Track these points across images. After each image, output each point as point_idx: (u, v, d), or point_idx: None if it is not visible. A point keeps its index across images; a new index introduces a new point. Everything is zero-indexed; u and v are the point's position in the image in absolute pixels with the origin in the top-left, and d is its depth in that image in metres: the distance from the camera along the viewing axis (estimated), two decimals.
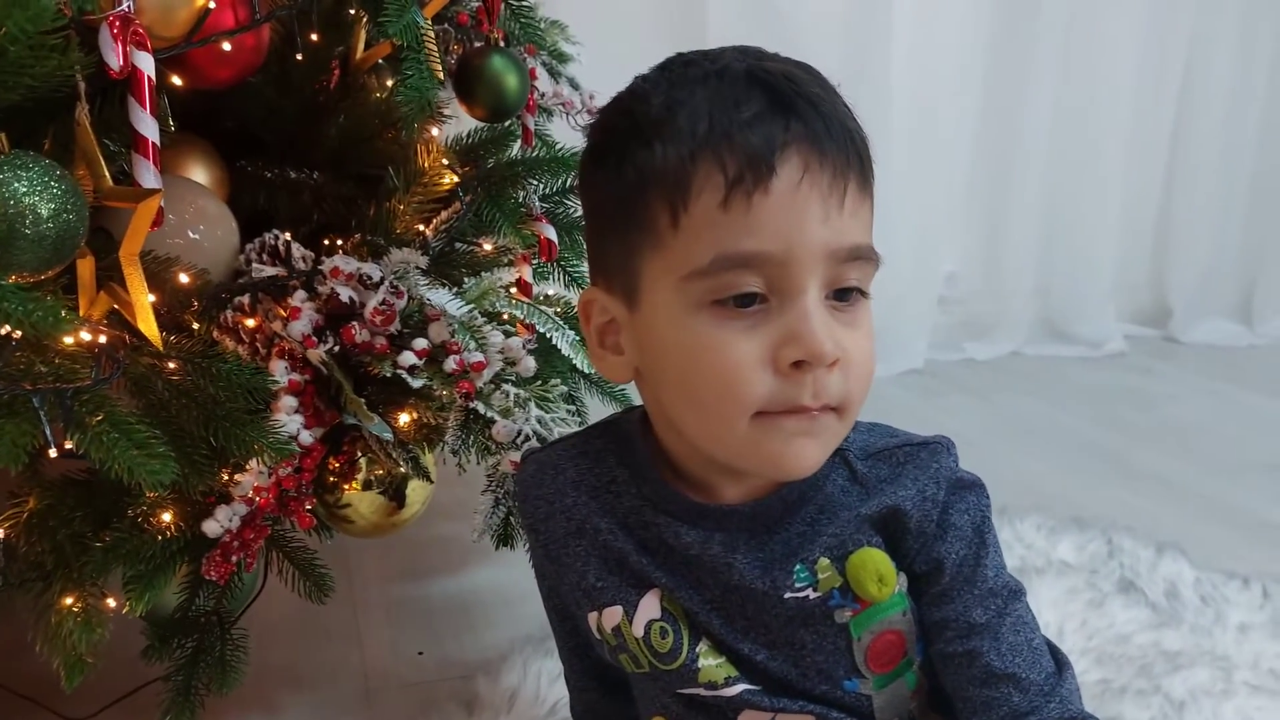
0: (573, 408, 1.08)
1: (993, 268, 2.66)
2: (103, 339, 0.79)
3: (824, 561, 0.68)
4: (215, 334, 0.99)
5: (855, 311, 0.63)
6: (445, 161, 1.14)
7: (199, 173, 1.14)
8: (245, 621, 1.06)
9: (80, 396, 0.74)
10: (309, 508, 1.00)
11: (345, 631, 1.39)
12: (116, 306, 0.81)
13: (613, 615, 0.72)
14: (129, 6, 0.77)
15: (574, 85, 1.45)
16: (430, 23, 0.95)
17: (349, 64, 1.24)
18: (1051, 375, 2.51)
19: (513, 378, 1.03)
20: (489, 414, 0.99)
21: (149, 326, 0.79)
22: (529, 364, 1.01)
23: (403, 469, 1.05)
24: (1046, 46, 2.46)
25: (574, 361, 1.06)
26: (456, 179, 1.15)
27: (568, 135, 1.37)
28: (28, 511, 0.83)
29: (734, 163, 0.59)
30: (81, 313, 0.77)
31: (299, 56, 1.05)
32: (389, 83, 1.29)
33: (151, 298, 0.79)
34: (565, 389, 1.03)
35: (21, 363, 0.71)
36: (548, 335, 1.08)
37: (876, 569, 0.68)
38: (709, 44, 2.27)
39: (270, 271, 1.04)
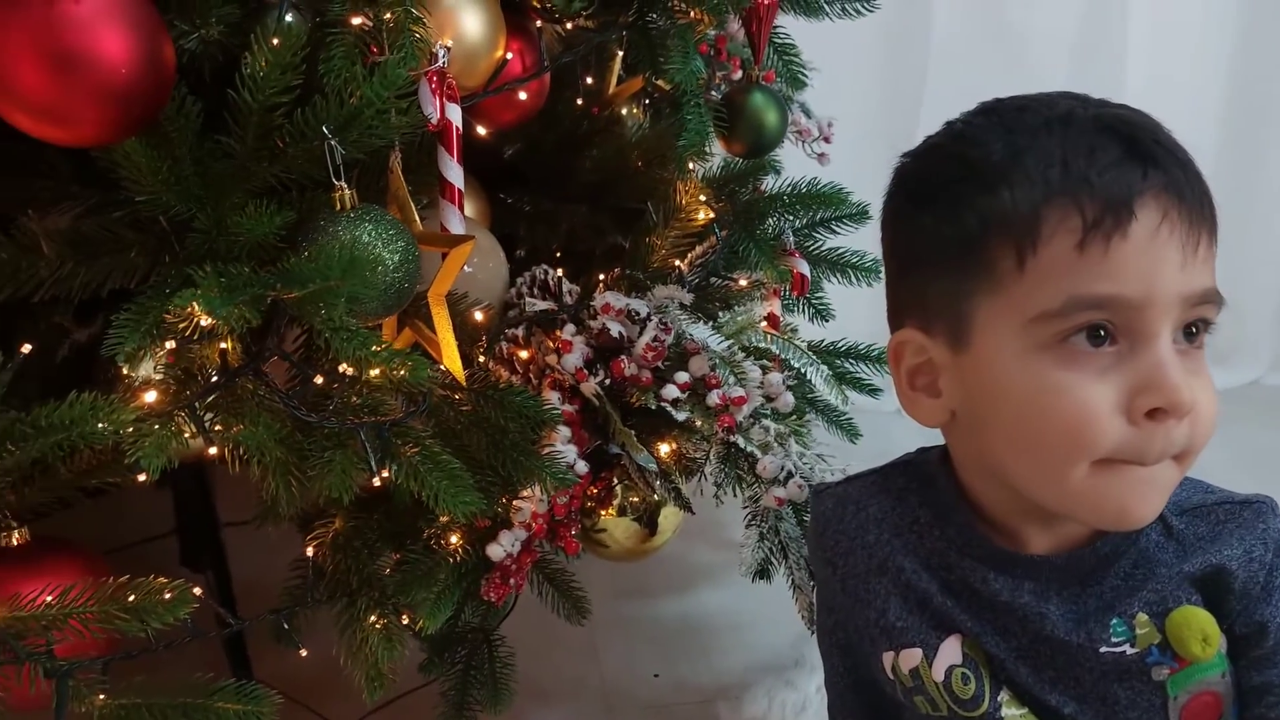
0: (827, 444, 1.04)
1: (1230, 291, 2.44)
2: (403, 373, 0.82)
3: (1142, 617, 0.65)
4: (490, 365, 1.02)
5: (1198, 357, 0.62)
6: (702, 197, 1.13)
7: (467, 205, 1.18)
8: None
9: (395, 429, 0.77)
10: (574, 533, 1.01)
11: (581, 648, 1.41)
12: (420, 342, 0.84)
13: (911, 657, 0.71)
14: (444, 62, 0.80)
15: (806, 112, 1.42)
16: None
17: (602, 98, 1.26)
18: None
19: (768, 412, 1.01)
20: (749, 448, 0.97)
21: (454, 363, 0.81)
22: (788, 399, 0.99)
23: (659, 498, 1.06)
24: None
25: (827, 397, 1.03)
26: (712, 214, 1.15)
27: (802, 163, 1.34)
28: (333, 531, 0.88)
29: (1092, 207, 0.58)
30: None
31: (579, 101, 1.06)
32: (631, 111, 1.31)
33: None
34: (820, 424, 1.00)
35: (344, 398, 0.74)
36: (802, 370, 1.05)
37: (1201, 628, 0.65)
38: (932, 59, 2.18)
39: (543, 305, 1.06)
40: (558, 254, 1.31)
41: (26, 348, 0.65)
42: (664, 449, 1.03)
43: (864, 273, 1.17)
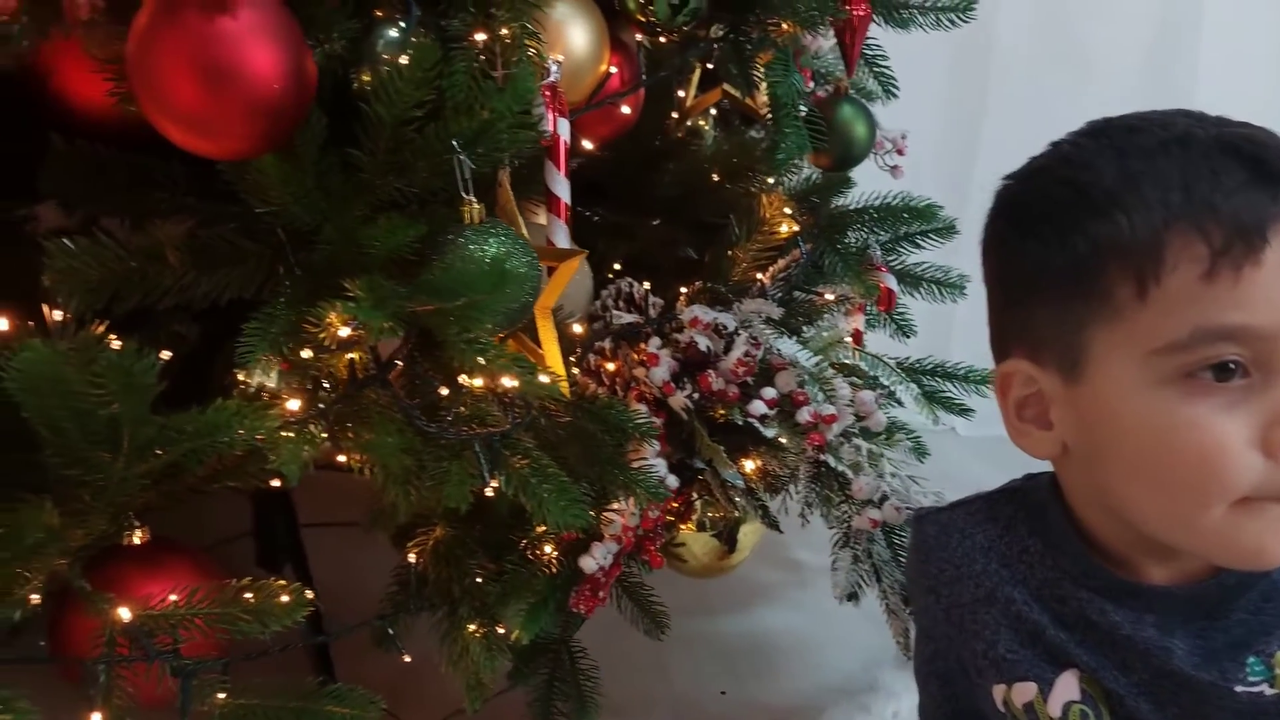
0: (920, 465, 1.07)
1: None
2: (513, 384, 0.85)
3: None
4: (579, 377, 1.05)
5: None
6: (786, 210, 1.16)
7: (547, 218, 1.22)
8: None
9: (503, 440, 0.80)
10: (658, 547, 1.04)
11: (649, 662, 1.42)
12: (524, 354, 0.87)
13: (1025, 691, 0.70)
14: (556, 76, 0.83)
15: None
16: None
17: (680, 111, 1.29)
18: None
19: (856, 430, 1.04)
20: (839, 468, 1.00)
21: (559, 370, 0.84)
22: (880, 419, 1.02)
23: (740, 514, 1.08)
24: None
25: (920, 416, 1.05)
26: (795, 227, 1.18)
27: (876, 177, 1.37)
28: (434, 540, 0.91)
29: (1219, 234, 0.58)
30: None
31: (674, 115, 1.10)
32: (702, 125, 1.34)
33: None
34: (912, 444, 1.03)
35: (458, 409, 0.77)
36: (892, 389, 1.08)
37: None
38: (993, 71, 2.17)
39: (629, 318, 1.09)
40: (625, 267, 1.33)
41: (166, 354, 0.68)
42: (749, 465, 1.06)
43: (949, 289, 1.19)
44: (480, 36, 0.77)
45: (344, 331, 0.66)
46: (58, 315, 0.71)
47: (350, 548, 1.36)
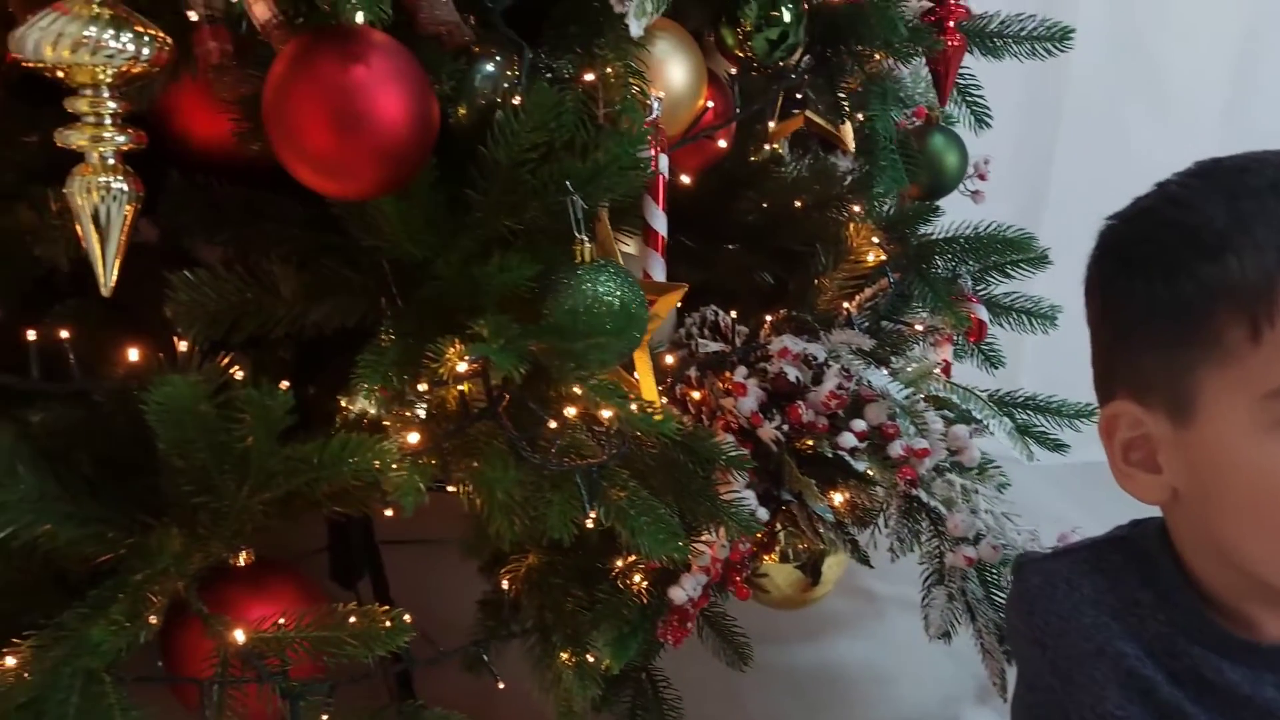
0: (1013, 502, 1.07)
1: None
2: (609, 414, 0.88)
3: None
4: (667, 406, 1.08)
5: None
6: (874, 239, 1.18)
7: (632, 245, 1.25)
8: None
9: (601, 471, 0.82)
10: (743, 578, 1.06)
11: (720, 691, 1.44)
12: (621, 385, 0.90)
13: None
14: (658, 113, 0.86)
15: None
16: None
17: (763, 137, 1.32)
18: None
19: (949, 465, 1.05)
20: (931, 503, 1.01)
21: (655, 399, 0.87)
22: (974, 454, 1.02)
23: (825, 547, 1.10)
24: None
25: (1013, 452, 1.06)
26: (883, 256, 1.19)
27: (956, 203, 1.38)
28: (526, 567, 0.94)
29: None
30: None
31: (767, 145, 1.12)
32: (772, 146, 1.36)
33: None
34: (1005, 479, 1.03)
35: (562, 441, 0.80)
36: (984, 422, 1.08)
37: None
38: (1067, 95, 2.15)
39: (714, 347, 1.12)
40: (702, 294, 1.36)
41: (285, 385, 0.72)
42: (837, 498, 1.07)
43: (1040, 319, 1.20)
44: (589, 77, 0.80)
45: (462, 367, 0.69)
46: (183, 346, 0.75)
47: (423, 563, 1.40)
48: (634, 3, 0.77)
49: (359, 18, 0.67)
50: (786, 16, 0.91)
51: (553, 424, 0.76)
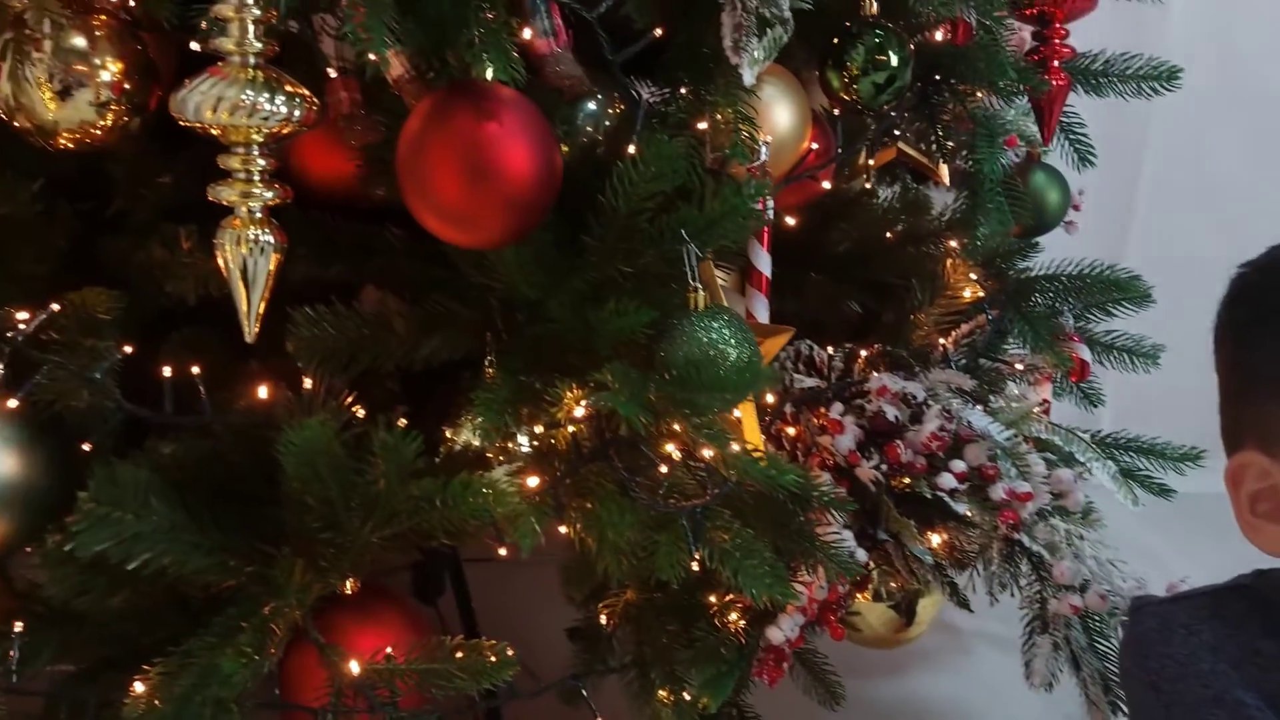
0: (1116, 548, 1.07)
1: None
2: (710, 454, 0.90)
3: None
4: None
5: None
6: (972, 275, 1.19)
7: (729, 278, 1.27)
8: None
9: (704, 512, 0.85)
10: (838, 618, 1.07)
11: None
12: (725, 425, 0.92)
13: None
14: (765, 157, 0.89)
15: None
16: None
17: (853, 170, 1.33)
18: None
19: (1052, 509, 1.05)
20: (1034, 548, 1.01)
21: (758, 445, 0.89)
22: (1078, 498, 1.03)
23: (920, 586, 1.10)
24: None
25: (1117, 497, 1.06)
26: (980, 292, 1.20)
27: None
28: (624, 601, 0.96)
29: None
30: None
31: (867, 185, 1.14)
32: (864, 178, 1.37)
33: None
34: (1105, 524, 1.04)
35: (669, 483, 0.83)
36: (1087, 465, 1.09)
37: None
38: (1153, 125, 2.11)
39: (810, 382, 1.13)
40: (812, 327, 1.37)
41: (403, 422, 0.76)
42: (935, 539, 1.08)
43: (1143, 358, 1.20)
44: (702, 125, 0.83)
45: (579, 411, 0.72)
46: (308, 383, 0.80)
47: (505, 581, 1.43)
48: (748, 53, 0.79)
49: (489, 74, 0.70)
50: (894, 60, 0.93)
51: (664, 469, 0.78)
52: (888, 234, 1.35)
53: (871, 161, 1.32)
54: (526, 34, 0.73)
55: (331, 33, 0.78)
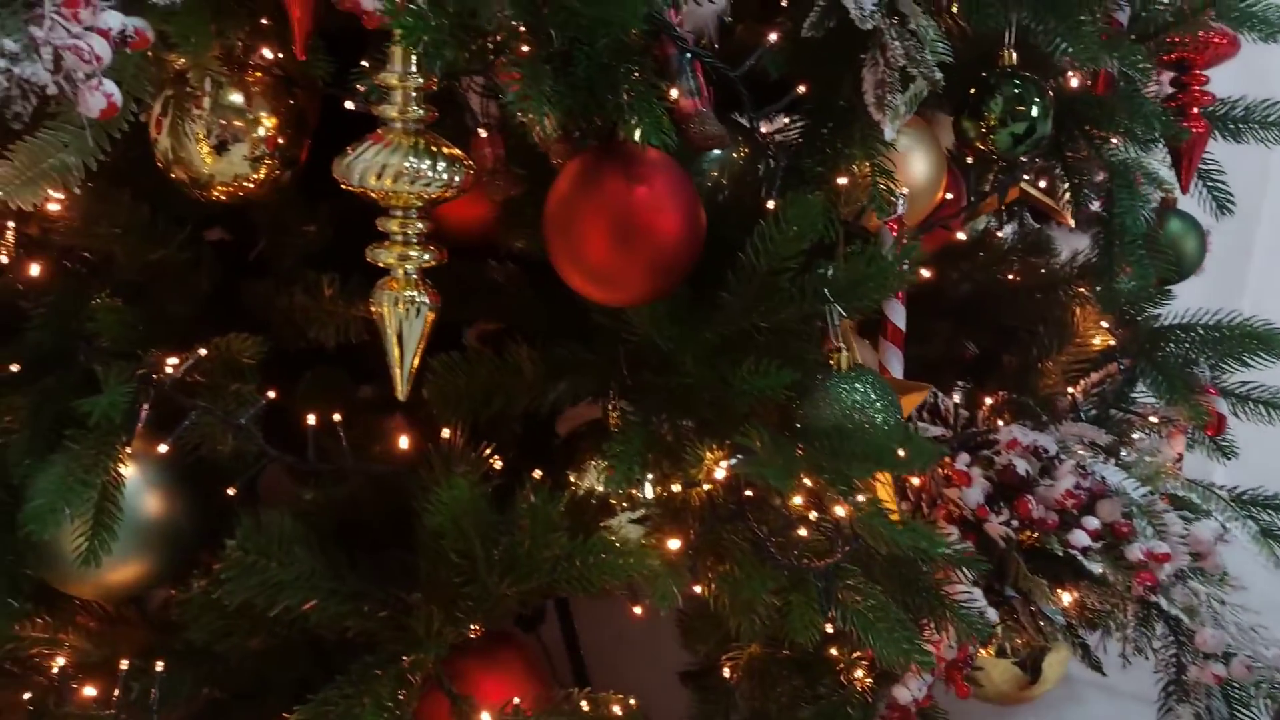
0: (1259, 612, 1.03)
1: None
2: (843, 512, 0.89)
3: None
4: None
5: None
6: (1103, 323, 1.16)
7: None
8: None
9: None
10: (964, 675, 1.05)
11: None
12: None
13: None
14: (903, 210, 0.88)
15: None
16: None
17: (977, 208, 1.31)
18: None
19: (1190, 571, 1.02)
20: (1172, 611, 0.98)
21: (890, 500, 0.88)
22: (1218, 560, 0.99)
23: (1046, 643, 1.08)
24: None
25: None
26: (1111, 341, 1.17)
27: None
28: (748, 655, 0.96)
29: None
30: None
31: (999, 233, 1.13)
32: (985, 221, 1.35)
33: None
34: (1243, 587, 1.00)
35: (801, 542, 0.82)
36: (1226, 525, 1.05)
37: None
38: (1272, 167, 2.04)
39: (935, 431, 1.12)
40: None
41: (539, 474, 0.77)
42: (1066, 598, 1.06)
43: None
44: (842, 181, 0.82)
45: (720, 474, 0.72)
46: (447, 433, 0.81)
47: (608, 610, 1.43)
48: (891, 109, 0.79)
49: (636, 135, 0.71)
50: (1034, 110, 0.92)
51: (803, 530, 0.78)
52: (1009, 276, 1.32)
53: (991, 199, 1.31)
54: (673, 94, 0.73)
55: (478, 90, 0.79)
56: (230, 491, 0.84)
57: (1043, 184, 1.22)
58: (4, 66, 0.62)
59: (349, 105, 0.76)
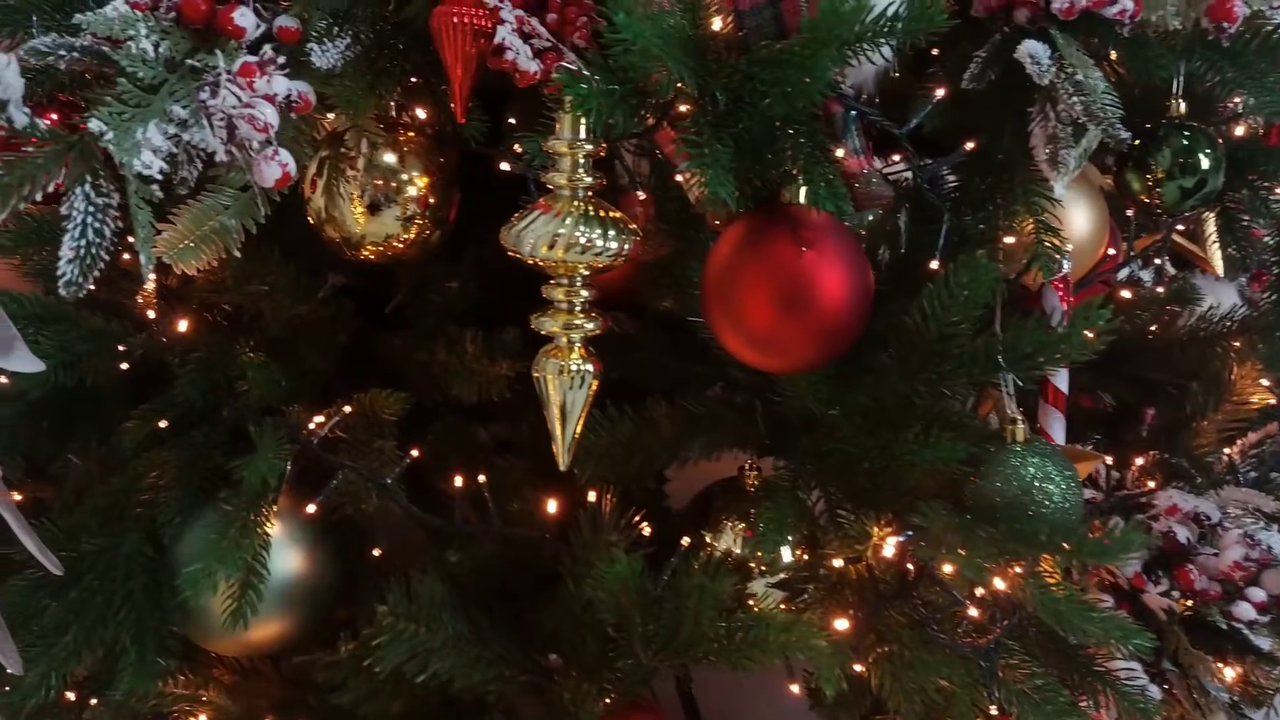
0: None
1: None
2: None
3: None
4: None
5: None
6: (1263, 380, 1.11)
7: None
8: None
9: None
10: None
11: None
12: None
13: None
14: (1068, 268, 0.85)
15: None
16: None
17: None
18: None
19: None
20: None
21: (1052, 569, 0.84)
22: None
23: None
24: None
25: None
26: (1271, 399, 1.12)
27: None
28: None
29: None
30: None
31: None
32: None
33: None
34: None
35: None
36: None
37: None
38: None
39: (1086, 494, 1.07)
40: None
41: (647, 529, 0.75)
42: (1229, 673, 1.00)
43: None
44: (1009, 240, 0.79)
45: (889, 551, 0.69)
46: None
47: None
48: (1064, 165, 0.75)
49: (802, 197, 0.69)
50: (1205, 164, 0.87)
51: (973, 611, 0.75)
52: (1153, 327, 1.27)
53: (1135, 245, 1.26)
54: (839, 153, 0.71)
55: (630, 149, 0.78)
56: (376, 553, 0.83)
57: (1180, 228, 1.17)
58: (173, 133, 0.62)
59: (504, 166, 0.76)
